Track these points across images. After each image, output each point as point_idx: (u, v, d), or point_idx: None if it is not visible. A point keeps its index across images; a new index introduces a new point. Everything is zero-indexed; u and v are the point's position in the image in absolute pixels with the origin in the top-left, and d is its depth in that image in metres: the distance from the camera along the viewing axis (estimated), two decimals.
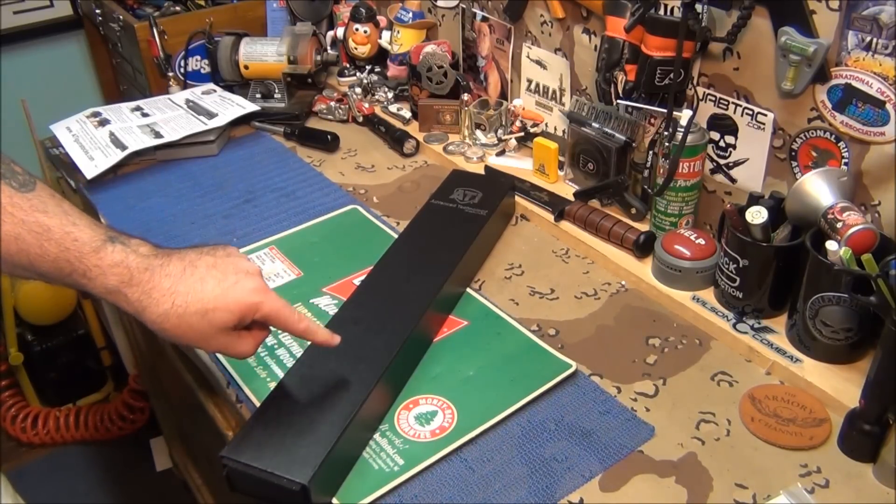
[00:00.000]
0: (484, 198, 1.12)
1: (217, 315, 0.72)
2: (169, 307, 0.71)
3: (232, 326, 0.74)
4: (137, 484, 1.96)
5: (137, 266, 0.71)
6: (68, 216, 0.70)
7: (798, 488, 0.75)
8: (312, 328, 0.79)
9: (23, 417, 1.97)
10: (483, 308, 0.99)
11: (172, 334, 0.73)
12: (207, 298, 0.72)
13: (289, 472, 0.72)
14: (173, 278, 0.72)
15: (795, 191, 0.89)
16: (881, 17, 0.80)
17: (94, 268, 0.69)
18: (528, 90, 1.33)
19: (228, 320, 0.73)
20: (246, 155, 1.39)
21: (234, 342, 0.76)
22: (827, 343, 0.87)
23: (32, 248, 0.68)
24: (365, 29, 1.55)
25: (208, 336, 0.73)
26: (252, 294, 0.74)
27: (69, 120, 1.42)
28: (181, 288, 0.71)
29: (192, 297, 0.72)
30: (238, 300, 0.73)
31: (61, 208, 0.70)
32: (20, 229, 0.67)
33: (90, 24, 1.97)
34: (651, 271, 1.03)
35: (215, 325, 0.73)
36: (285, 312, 0.76)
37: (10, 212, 0.67)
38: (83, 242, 0.69)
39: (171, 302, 0.71)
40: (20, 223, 0.67)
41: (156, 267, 0.72)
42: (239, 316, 0.74)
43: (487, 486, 0.77)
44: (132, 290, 0.70)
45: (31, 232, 0.67)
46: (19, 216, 0.67)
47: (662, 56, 1.00)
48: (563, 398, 0.86)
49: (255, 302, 0.74)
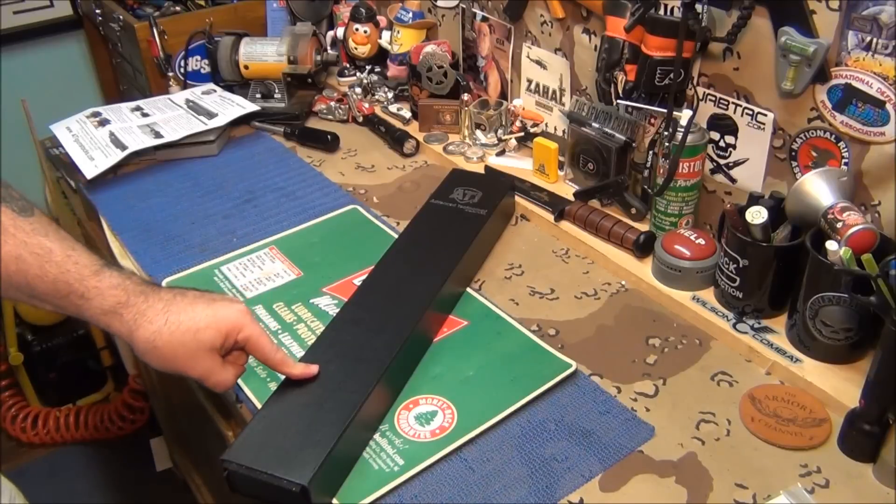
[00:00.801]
0: (484, 198, 1.12)
1: (207, 334, 0.75)
2: (162, 325, 0.74)
3: (218, 346, 0.77)
4: (137, 484, 1.96)
5: (133, 289, 0.75)
6: (67, 241, 0.74)
7: (798, 488, 0.75)
8: (288, 360, 0.82)
9: (23, 417, 1.97)
10: (483, 308, 0.99)
11: (162, 352, 0.75)
12: (199, 317, 0.75)
13: (289, 473, 0.72)
14: (165, 301, 0.76)
15: (795, 191, 0.89)
16: (881, 17, 0.80)
17: (93, 289, 0.73)
18: (528, 90, 1.33)
19: (216, 339, 0.76)
20: (246, 155, 1.39)
21: (218, 368, 0.78)
22: (827, 343, 0.87)
23: (32, 268, 0.71)
24: (365, 29, 1.55)
25: (196, 356, 0.76)
26: (238, 315, 0.78)
27: (69, 120, 1.42)
28: (173, 308, 0.75)
29: (184, 315, 0.75)
30: (226, 318, 0.77)
31: (59, 234, 0.74)
32: (21, 250, 0.71)
33: (90, 24, 1.97)
34: (651, 271, 1.03)
35: (205, 345, 0.76)
36: (265, 339, 0.80)
37: (11, 233, 0.71)
38: (83, 265, 0.73)
39: (165, 320, 0.74)
40: (22, 244, 0.71)
41: (150, 291, 0.76)
42: (225, 334, 0.77)
43: (487, 486, 0.77)
44: (127, 311, 0.74)
45: (32, 253, 0.71)
46: (21, 237, 0.71)
47: (662, 56, 1.00)
48: (563, 398, 0.86)
49: (240, 322, 0.78)
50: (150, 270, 1.09)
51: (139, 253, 1.13)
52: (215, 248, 1.13)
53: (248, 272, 1.07)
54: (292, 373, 0.82)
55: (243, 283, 1.05)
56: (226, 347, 0.78)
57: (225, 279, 1.06)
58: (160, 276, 1.07)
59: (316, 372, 0.82)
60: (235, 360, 0.81)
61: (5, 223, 0.70)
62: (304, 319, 0.98)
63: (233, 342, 0.78)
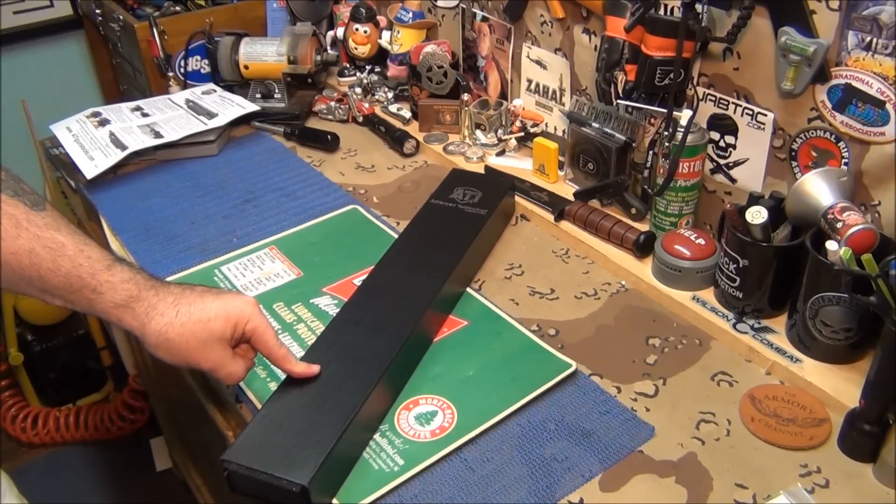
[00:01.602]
0: (484, 198, 1.12)
1: (217, 324, 0.76)
2: (174, 316, 0.75)
3: (228, 336, 0.77)
4: (137, 484, 1.96)
5: (144, 284, 0.76)
6: (79, 235, 0.75)
7: (798, 488, 0.75)
8: (291, 357, 0.82)
9: (23, 417, 1.97)
10: (483, 308, 0.99)
11: (174, 344, 0.75)
12: (209, 308, 0.76)
13: (289, 473, 0.72)
14: (175, 295, 0.77)
15: (795, 191, 0.89)
16: (881, 17, 0.80)
17: (105, 283, 0.74)
18: (528, 90, 1.33)
19: (226, 328, 0.77)
20: (246, 155, 1.39)
21: (229, 360, 0.79)
22: (827, 343, 0.87)
23: (45, 262, 0.71)
24: (365, 29, 1.55)
25: (207, 346, 0.76)
26: (246, 305, 0.79)
27: (69, 120, 1.42)
28: (183, 301, 0.76)
29: (195, 307, 0.76)
30: (235, 308, 0.78)
31: (71, 228, 0.75)
32: (35, 244, 0.71)
33: (90, 24, 1.97)
34: (651, 271, 1.03)
35: (215, 334, 0.76)
36: (271, 333, 0.80)
37: (25, 227, 0.71)
38: (96, 259, 0.74)
39: (176, 311, 0.75)
40: (35, 238, 0.71)
41: (160, 285, 0.77)
42: (234, 323, 0.77)
43: (487, 486, 0.77)
44: (139, 304, 0.75)
45: (45, 247, 0.71)
46: (34, 231, 0.71)
47: (662, 56, 1.00)
48: (563, 398, 0.86)
49: (248, 312, 0.78)
50: (149, 270, 1.08)
51: (139, 253, 1.13)
52: (215, 248, 1.13)
53: (248, 272, 1.07)
54: (294, 370, 0.82)
55: (243, 283, 1.05)
56: (235, 338, 0.79)
57: (225, 279, 1.06)
58: (160, 276, 1.06)
59: (317, 372, 0.82)
60: (245, 354, 0.81)
61: (20, 217, 0.71)
62: (304, 319, 0.98)
63: (241, 332, 0.78)
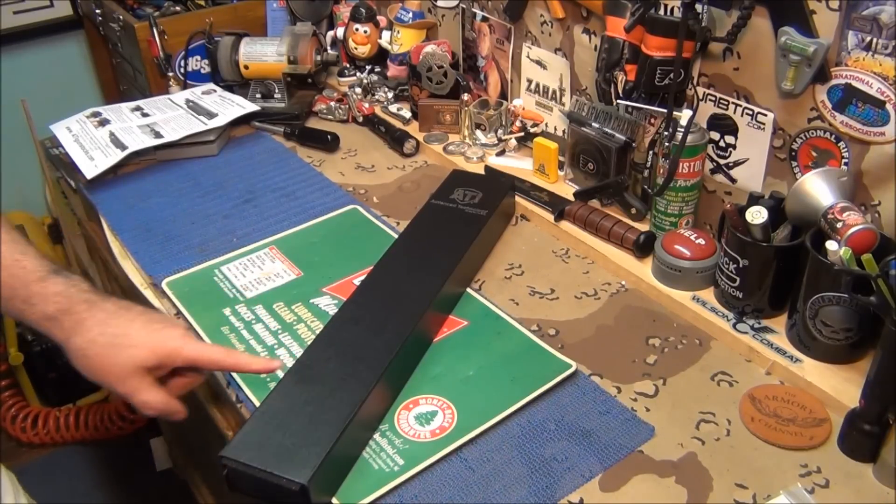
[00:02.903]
0: (484, 198, 1.12)
1: (137, 353, 0.75)
2: (96, 335, 0.75)
3: (149, 368, 0.76)
4: (137, 484, 1.95)
5: (77, 297, 0.75)
6: (18, 244, 0.75)
7: (798, 488, 0.75)
8: (245, 360, 0.82)
9: (23, 417, 1.97)
10: (483, 308, 0.99)
11: (92, 362, 0.75)
12: (133, 335, 0.76)
13: (288, 471, 0.72)
14: (107, 313, 0.76)
15: (795, 191, 0.89)
16: (881, 17, 0.80)
17: (35, 295, 0.74)
18: (528, 90, 1.33)
19: (147, 359, 0.76)
20: (246, 155, 1.39)
21: (145, 389, 0.77)
22: (827, 343, 0.87)
23: None
24: (365, 29, 1.55)
25: (123, 373, 0.76)
26: (173, 339, 0.78)
27: (69, 120, 1.42)
28: (112, 321, 0.76)
29: (120, 330, 0.75)
30: (161, 343, 0.77)
31: (10, 236, 0.75)
32: None
33: (90, 24, 1.97)
34: (651, 271, 1.03)
35: (134, 362, 0.76)
36: (210, 351, 0.80)
37: None
38: (30, 271, 0.74)
39: (100, 332, 0.75)
40: None
41: (95, 301, 0.76)
42: (160, 358, 0.77)
43: (487, 486, 0.77)
44: (67, 318, 0.75)
45: None
46: None
47: (662, 56, 1.00)
48: (563, 398, 0.86)
49: (175, 346, 0.77)
50: (149, 270, 1.09)
51: (139, 253, 1.13)
52: (215, 248, 1.13)
53: (248, 272, 1.07)
54: (252, 368, 0.82)
55: (243, 283, 1.05)
56: (161, 372, 0.78)
57: (225, 279, 1.06)
58: (160, 276, 1.07)
59: (279, 366, 0.83)
60: (174, 385, 0.81)
61: None
62: (304, 319, 0.98)
63: (172, 366, 0.78)
